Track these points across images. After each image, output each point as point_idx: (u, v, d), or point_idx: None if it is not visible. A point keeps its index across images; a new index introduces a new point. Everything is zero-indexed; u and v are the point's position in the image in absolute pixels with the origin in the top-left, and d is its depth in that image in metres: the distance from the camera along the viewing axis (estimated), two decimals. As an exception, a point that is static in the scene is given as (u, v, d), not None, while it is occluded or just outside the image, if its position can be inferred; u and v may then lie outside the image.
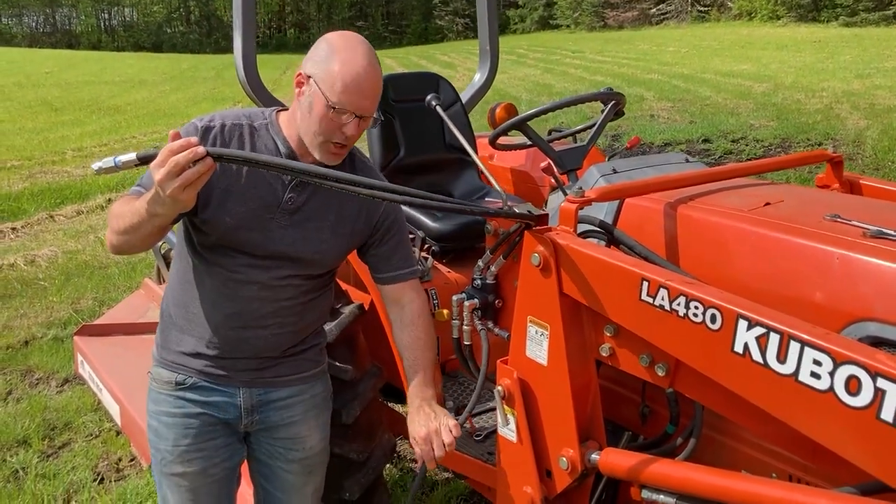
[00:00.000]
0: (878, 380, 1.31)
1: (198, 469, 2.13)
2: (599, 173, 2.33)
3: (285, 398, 2.18)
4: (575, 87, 20.91)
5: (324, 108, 1.90)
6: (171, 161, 1.61)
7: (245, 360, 2.11)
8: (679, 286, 1.61)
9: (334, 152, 1.98)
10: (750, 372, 1.50)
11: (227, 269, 2.03)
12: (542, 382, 1.98)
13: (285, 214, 2.02)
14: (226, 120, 2.01)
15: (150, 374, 2.18)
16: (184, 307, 2.09)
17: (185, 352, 2.10)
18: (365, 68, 1.90)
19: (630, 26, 52.61)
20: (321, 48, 1.93)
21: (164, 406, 2.12)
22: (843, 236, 1.77)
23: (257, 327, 2.08)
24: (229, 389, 2.12)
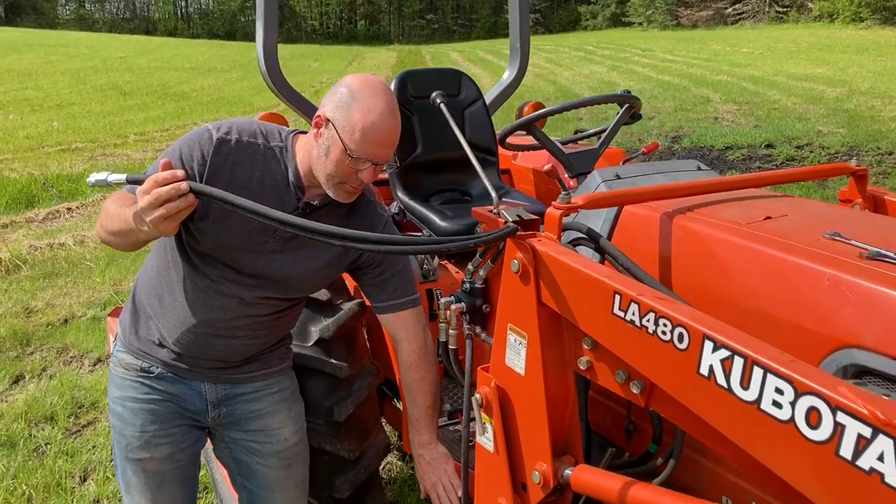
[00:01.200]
0: (838, 414, 1.21)
1: (164, 454, 2.15)
2: (601, 178, 2.26)
3: (252, 392, 2.20)
4: (640, 87, 20.57)
5: (341, 154, 1.89)
6: (154, 193, 1.64)
7: (209, 360, 2.13)
8: (650, 301, 1.54)
9: (349, 192, 1.98)
10: (714, 396, 1.42)
11: (210, 277, 2.04)
12: (519, 392, 1.92)
13: (279, 241, 2.03)
14: (242, 135, 1.99)
15: (111, 360, 2.20)
16: (157, 297, 2.09)
17: (151, 340, 2.11)
18: (384, 118, 1.88)
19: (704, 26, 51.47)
20: (342, 92, 1.91)
21: (130, 392, 2.13)
22: (837, 256, 1.67)
23: (227, 336, 2.10)
24: (194, 383, 2.14)
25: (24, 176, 9.96)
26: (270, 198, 1.96)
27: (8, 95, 19.94)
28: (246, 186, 1.95)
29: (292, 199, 2.01)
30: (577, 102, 2.62)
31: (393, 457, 3.69)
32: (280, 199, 1.99)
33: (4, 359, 4.90)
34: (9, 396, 4.45)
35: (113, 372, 2.18)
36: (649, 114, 15.64)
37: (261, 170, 1.98)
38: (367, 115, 1.86)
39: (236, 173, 1.96)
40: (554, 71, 27.45)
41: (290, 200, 2.01)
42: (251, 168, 1.97)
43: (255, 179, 1.97)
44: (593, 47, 38.92)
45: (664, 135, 13.05)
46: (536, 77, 25.57)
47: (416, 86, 3.26)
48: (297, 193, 2.02)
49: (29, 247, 6.96)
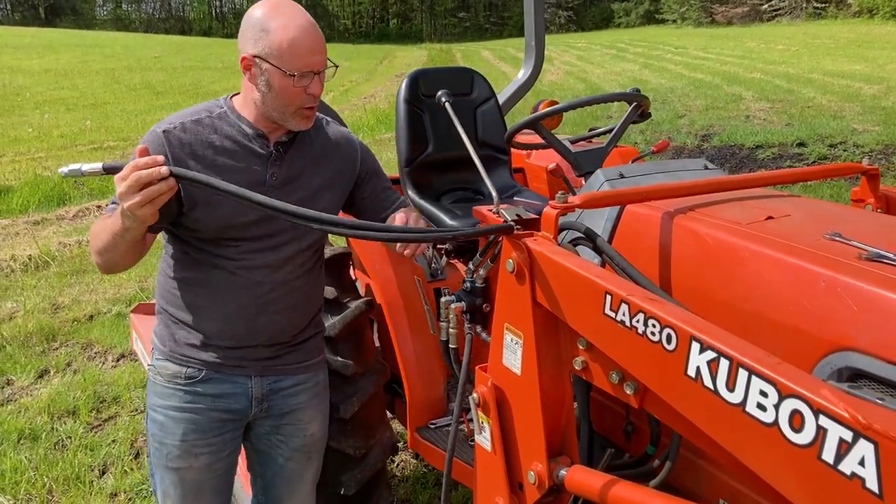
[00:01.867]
0: (821, 417, 1.19)
1: (204, 464, 2.15)
2: (605, 178, 2.24)
3: (293, 386, 2.22)
4: (672, 84, 20.38)
5: (283, 79, 1.91)
6: (133, 176, 1.65)
7: (259, 347, 2.13)
8: (639, 302, 1.52)
9: (307, 115, 2.01)
10: (701, 398, 1.40)
11: (232, 258, 2.05)
12: (515, 392, 1.91)
13: (273, 190, 2.04)
14: (184, 119, 2.02)
15: (150, 368, 2.20)
16: (188, 302, 2.09)
17: (195, 345, 2.11)
18: (303, 26, 1.91)
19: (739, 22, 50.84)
20: (253, 26, 1.93)
21: (172, 400, 2.12)
22: (835, 257, 1.64)
23: (269, 312, 2.11)
24: (241, 380, 2.15)
25: (57, 174, 10.14)
26: (239, 158, 2.01)
27: (45, 95, 20.34)
28: (212, 160, 1.98)
29: (260, 149, 2.04)
30: (584, 100, 2.60)
31: (406, 454, 3.70)
32: (248, 154, 2.02)
33: (31, 353, 5.00)
34: (33, 390, 4.55)
35: (153, 381, 2.17)
36: (680, 112, 15.49)
37: (218, 138, 2.01)
38: (287, 32, 1.89)
39: (197, 152, 1.98)
40: (585, 69, 27.29)
41: (258, 152, 2.04)
42: (208, 141, 2.00)
43: (217, 149, 2.00)
44: (626, 45, 38.62)
45: (694, 133, 12.91)
46: (567, 75, 25.45)
47: (428, 85, 3.27)
48: (262, 142, 2.05)
49: (59, 244, 7.09)
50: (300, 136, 2.11)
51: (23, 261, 6.70)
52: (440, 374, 2.74)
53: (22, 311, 5.64)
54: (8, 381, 4.65)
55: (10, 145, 12.52)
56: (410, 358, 2.68)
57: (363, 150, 2.26)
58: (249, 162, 2.03)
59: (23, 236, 7.64)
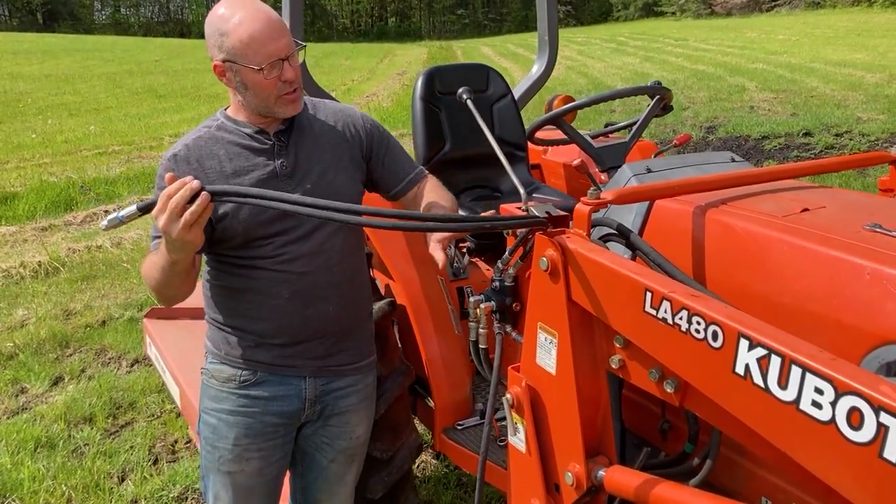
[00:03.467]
0: (882, 414, 1.16)
1: (255, 468, 2.16)
2: (632, 172, 2.21)
3: (345, 387, 2.22)
4: (674, 77, 20.30)
5: (255, 76, 1.93)
6: (170, 204, 1.67)
7: (313, 342, 2.13)
8: (682, 299, 1.49)
9: (290, 99, 2.01)
10: (751, 396, 1.38)
11: (269, 256, 2.06)
12: (550, 392, 1.89)
13: (287, 179, 2.06)
14: (188, 140, 2.07)
15: (204, 371, 2.20)
16: (235, 310, 2.11)
17: (249, 346, 2.11)
18: (256, 15, 1.92)
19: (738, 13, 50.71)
20: (212, 31, 1.96)
21: (226, 404, 2.13)
22: (878, 248, 1.61)
23: (318, 301, 2.11)
24: (295, 381, 2.14)
25: (63, 179, 10.14)
26: (245, 159, 2.04)
27: (47, 100, 20.31)
28: (222, 168, 2.02)
29: (262, 144, 2.06)
30: (606, 95, 2.57)
31: (427, 455, 3.67)
32: (253, 153, 2.05)
33: (44, 361, 4.98)
34: (49, 398, 4.53)
35: (207, 384, 2.17)
36: (683, 104, 15.42)
37: (221, 147, 2.05)
38: (243, 28, 1.91)
39: (205, 164, 2.02)
40: (586, 63, 27.22)
41: (261, 147, 2.06)
42: (213, 153, 2.04)
43: (223, 156, 2.04)
44: (625, 38, 38.53)
45: (699, 125, 12.86)
46: (568, 70, 25.37)
47: (444, 82, 3.24)
48: (262, 136, 2.07)
49: (67, 249, 7.07)
50: (297, 122, 2.12)
51: (32, 267, 6.68)
52: (466, 375, 2.72)
53: (34, 319, 5.62)
54: (22, 390, 4.63)
55: (13, 151, 12.50)
56: (436, 359, 2.66)
57: (368, 123, 2.25)
58: (257, 159, 2.05)
59: (31, 243, 7.62)
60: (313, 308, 2.11)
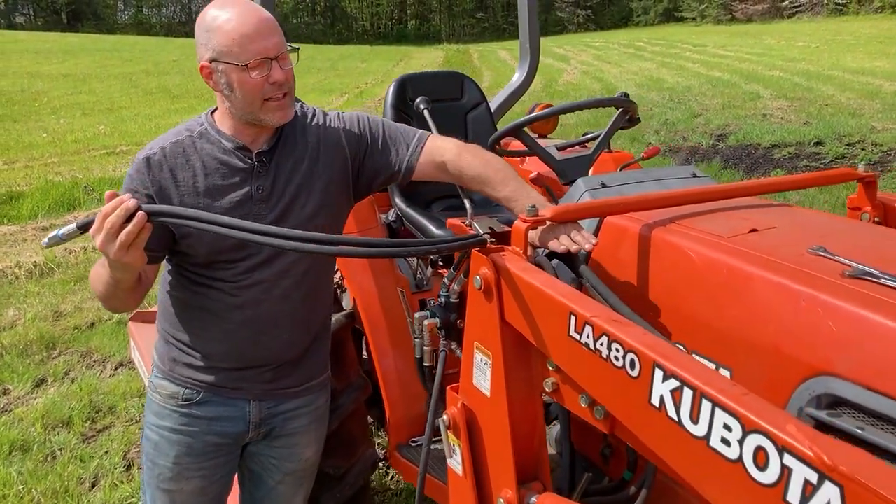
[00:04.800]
0: (785, 455, 1.10)
1: (195, 487, 2.10)
2: (586, 187, 2.14)
3: (294, 409, 2.15)
4: (689, 83, 20.17)
5: (241, 75, 1.84)
6: (106, 224, 1.61)
7: (261, 368, 2.06)
8: (602, 324, 1.43)
9: (279, 105, 1.91)
10: (666, 429, 1.31)
11: (229, 280, 1.99)
12: (485, 414, 1.83)
13: (261, 204, 1.97)
14: (165, 142, 1.97)
15: (149, 383, 2.15)
16: (187, 325, 2.05)
17: (194, 366, 2.05)
18: (245, 15, 1.85)
19: (759, 19, 50.40)
20: (201, 33, 1.88)
21: (168, 421, 2.07)
22: (817, 274, 1.54)
23: (272, 329, 2.04)
24: (240, 403, 2.08)
25: (68, 179, 10.16)
26: (221, 177, 1.95)
27: (62, 99, 20.46)
28: (193, 184, 1.93)
29: (242, 163, 1.97)
30: (567, 106, 2.51)
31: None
32: (230, 171, 1.96)
33: (30, 362, 4.97)
34: (30, 400, 4.51)
35: (151, 398, 2.12)
36: (696, 111, 15.29)
37: (198, 159, 1.95)
38: (230, 25, 1.83)
39: (178, 176, 1.94)
40: (601, 68, 27.10)
41: (240, 166, 1.97)
42: (188, 163, 1.95)
43: (198, 170, 1.95)
44: (644, 43, 38.35)
45: (709, 133, 12.74)
46: (584, 74, 25.27)
47: (416, 90, 3.18)
48: (243, 154, 1.97)
49: (64, 250, 7.07)
50: (283, 139, 2.02)
51: (27, 268, 6.69)
52: (422, 390, 2.66)
53: (23, 320, 5.62)
54: (4, 391, 4.62)
55: (23, 151, 12.58)
56: (391, 373, 2.60)
57: (349, 126, 2.10)
58: (233, 178, 1.96)
59: (30, 242, 7.64)
60: (267, 335, 2.04)
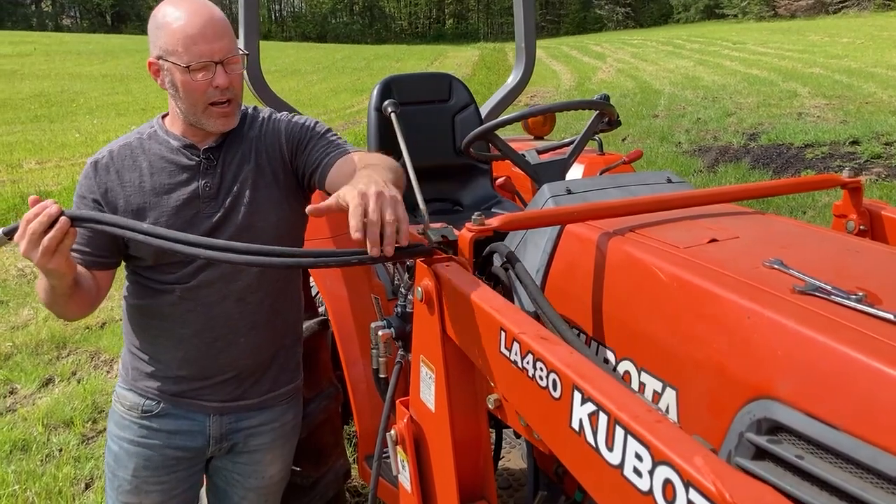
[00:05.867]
0: (690, 490, 1.02)
1: (155, 501, 2.07)
2: (550, 193, 2.07)
3: (256, 426, 2.10)
4: (725, 81, 19.81)
5: (183, 76, 1.82)
6: (28, 230, 1.58)
7: (221, 378, 2.03)
8: (529, 340, 1.36)
9: (222, 112, 1.89)
10: (585, 455, 1.24)
11: (179, 282, 1.95)
12: (430, 430, 1.77)
13: (209, 201, 1.94)
14: (114, 146, 1.97)
15: (114, 395, 2.13)
16: (147, 338, 2.02)
17: (152, 374, 2.02)
18: (192, 15, 1.82)
19: (803, 15, 49.37)
20: (152, 27, 1.87)
21: (128, 433, 2.05)
22: (766, 289, 1.44)
23: (228, 334, 2.00)
24: (199, 418, 2.04)
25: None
26: (168, 175, 1.94)
27: (99, 100, 20.83)
28: (140, 183, 1.92)
29: (188, 160, 1.95)
30: (546, 108, 2.44)
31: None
32: (177, 169, 1.95)
33: (39, 362, 5.03)
34: (36, 400, 4.55)
35: (114, 409, 2.10)
36: (730, 109, 14.99)
37: (146, 159, 1.95)
38: (177, 24, 1.81)
39: (125, 177, 1.93)
40: (637, 66, 26.77)
41: (187, 164, 1.95)
42: (135, 164, 1.94)
43: (145, 170, 1.94)
44: (682, 41, 37.82)
45: (741, 132, 12.47)
46: (619, 73, 24.99)
47: (401, 92, 3.13)
48: (190, 152, 1.96)
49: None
50: (230, 137, 1.99)
51: (47, 267, 6.78)
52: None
53: (36, 319, 5.69)
54: (12, 391, 4.67)
55: (56, 151, 12.80)
56: (360, 382, 2.55)
57: (289, 126, 2.06)
58: (180, 176, 1.94)
59: (54, 242, 7.75)
60: (222, 341, 2.00)
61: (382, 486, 2.43)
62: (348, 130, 14.06)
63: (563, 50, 38.32)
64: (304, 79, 26.86)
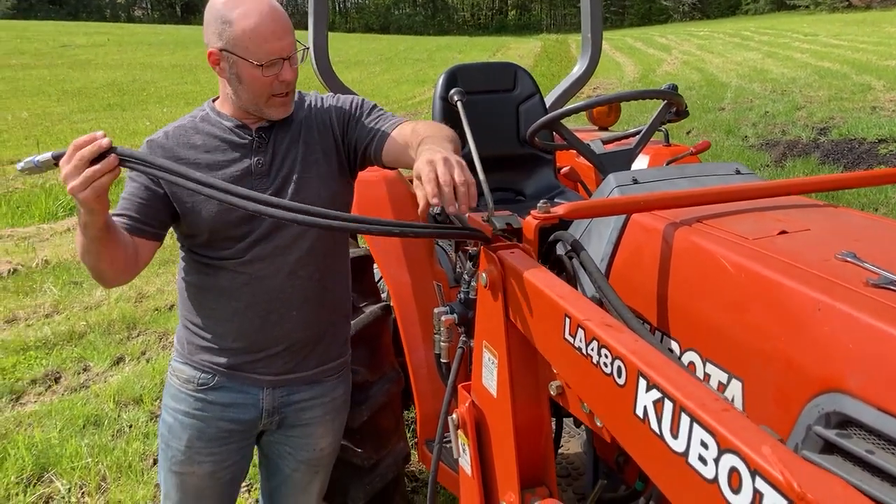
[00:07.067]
0: (757, 479, 1.02)
1: (206, 471, 2.14)
2: (616, 183, 2.06)
3: (308, 399, 2.16)
4: (795, 74, 19.28)
5: (251, 70, 1.87)
6: (76, 156, 1.61)
7: (275, 350, 2.08)
8: (594, 327, 1.36)
9: (282, 102, 1.97)
10: (649, 442, 1.24)
11: (233, 258, 2.02)
12: (492, 415, 1.78)
13: (261, 178, 2.01)
14: (169, 128, 2.04)
15: (170, 367, 2.20)
16: (201, 309, 2.08)
17: (209, 348, 2.09)
18: (264, 12, 1.87)
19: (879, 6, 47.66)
20: (215, 20, 1.89)
21: (183, 405, 2.11)
22: (838, 281, 1.42)
23: (280, 307, 2.05)
24: (252, 391, 2.11)
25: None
26: (221, 153, 2.00)
27: (169, 89, 21.33)
28: (195, 159, 1.97)
29: (241, 139, 2.01)
30: (610, 97, 2.42)
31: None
32: (231, 147, 2.00)
33: (111, 341, 5.21)
34: (107, 377, 4.72)
35: (170, 382, 2.17)
36: (799, 103, 14.60)
37: (200, 138, 2.01)
38: (248, 20, 1.85)
39: (180, 153, 1.98)
40: (703, 58, 26.24)
41: (240, 142, 2.01)
42: (190, 142, 2.00)
43: (200, 148, 2.00)
44: (751, 33, 36.91)
45: (811, 126, 12.14)
46: (684, 65, 24.55)
47: (467, 81, 3.14)
48: (242, 131, 2.01)
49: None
50: (283, 120, 2.06)
51: (118, 250, 7.00)
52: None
53: (109, 300, 5.89)
54: (85, 368, 4.85)
55: (128, 138, 13.13)
56: (421, 367, 2.58)
57: (337, 104, 2.15)
58: (233, 154, 2.01)
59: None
60: (275, 314, 2.05)
61: (442, 470, 2.46)
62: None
63: (627, 41, 37.77)
64: (367, 69, 27.08)
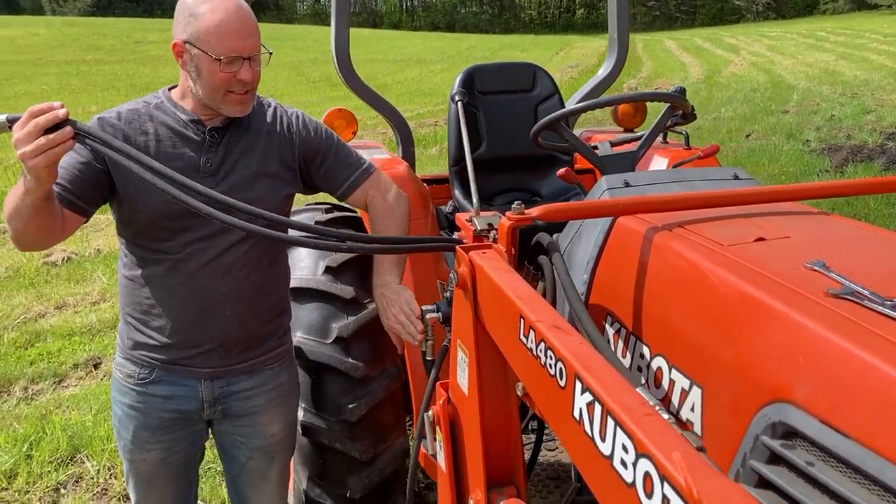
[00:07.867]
0: (665, 484, 1.02)
1: (157, 458, 2.20)
2: (607, 186, 2.05)
3: (249, 389, 2.20)
4: (868, 76, 18.66)
5: (210, 65, 1.91)
6: (31, 123, 1.63)
7: (209, 348, 2.12)
8: (543, 329, 1.37)
9: (239, 100, 1.99)
10: (583, 444, 1.24)
11: (170, 252, 2.04)
12: (464, 413, 1.80)
13: (208, 177, 2.02)
14: (122, 109, 2.05)
15: (114, 364, 2.23)
16: (138, 304, 2.10)
17: (145, 344, 2.12)
18: (231, 10, 1.90)
19: (965, 7, 45.54)
20: (183, 12, 1.93)
21: (127, 398, 2.16)
22: (798, 291, 1.39)
23: (216, 307, 2.08)
24: (191, 383, 2.15)
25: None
26: (172, 145, 2.01)
27: (232, 86, 21.73)
28: (145, 147, 1.98)
29: (195, 135, 2.03)
30: (610, 99, 2.40)
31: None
32: (182, 141, 2.02)
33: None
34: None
35: (115, 376, 2.22)
36: (869, 107, 14.11)
37: (152, 126, 2.02)
38: (214, 15, 1.88)
39: (131, 138, 1.98)
40: (773, 59, 25.58)
41: (192, 138, 2.03)
42: (142, 129, 2.01)
43: (150, 136, 2.01)
44: (826, 33, 35.80)
45: (879, 131, 11.74)
46: (752, 66, 23.97)
47: (484, 81, 3.15)
48: (197, 128, 2.04)
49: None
50: (236, 121, 2.08)
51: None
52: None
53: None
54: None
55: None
56: (418, 365, 2.60)
57: (307, 128, 2.19)
58: (183, 149, 2.02)
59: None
60: (211, 313, 2.08)
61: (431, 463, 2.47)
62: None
63: (696, 42, 37.05)
64: (426, 68, 27.18)
